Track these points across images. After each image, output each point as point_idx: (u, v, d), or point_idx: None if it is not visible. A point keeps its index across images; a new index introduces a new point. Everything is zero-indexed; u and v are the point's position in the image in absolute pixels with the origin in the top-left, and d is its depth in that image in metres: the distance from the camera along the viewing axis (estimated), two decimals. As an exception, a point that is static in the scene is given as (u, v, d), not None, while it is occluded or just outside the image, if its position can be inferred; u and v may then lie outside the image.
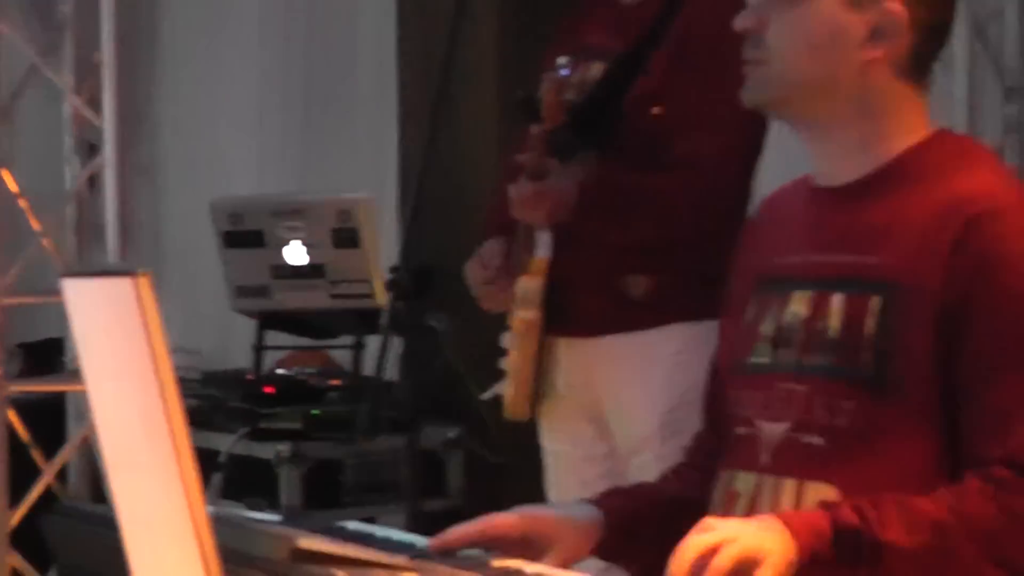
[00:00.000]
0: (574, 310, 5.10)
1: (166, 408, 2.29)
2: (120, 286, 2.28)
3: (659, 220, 4.94)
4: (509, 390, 5.19)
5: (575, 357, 5.18)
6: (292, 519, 3.40)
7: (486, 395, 5.33)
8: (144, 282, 2.24)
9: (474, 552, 2.97)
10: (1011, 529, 2.85)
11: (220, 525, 2.50)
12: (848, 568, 2.80)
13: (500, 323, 5.21)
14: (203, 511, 2.37)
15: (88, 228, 8.35)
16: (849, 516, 2.80)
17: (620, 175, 4.99)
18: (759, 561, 2.69)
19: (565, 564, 2.98)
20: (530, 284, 5.05)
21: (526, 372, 5.16)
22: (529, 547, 3.02)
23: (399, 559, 2.81)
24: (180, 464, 2.32)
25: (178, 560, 2.33)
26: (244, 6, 9.91)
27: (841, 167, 3.18)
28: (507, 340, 5.15)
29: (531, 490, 5.37)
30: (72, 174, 8.42)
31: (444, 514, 6.32)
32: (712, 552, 2.67)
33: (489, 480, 6.99)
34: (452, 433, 7.11)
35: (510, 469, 6.55)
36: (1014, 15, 6.91)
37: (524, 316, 5.09)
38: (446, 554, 2.93)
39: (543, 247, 5.03)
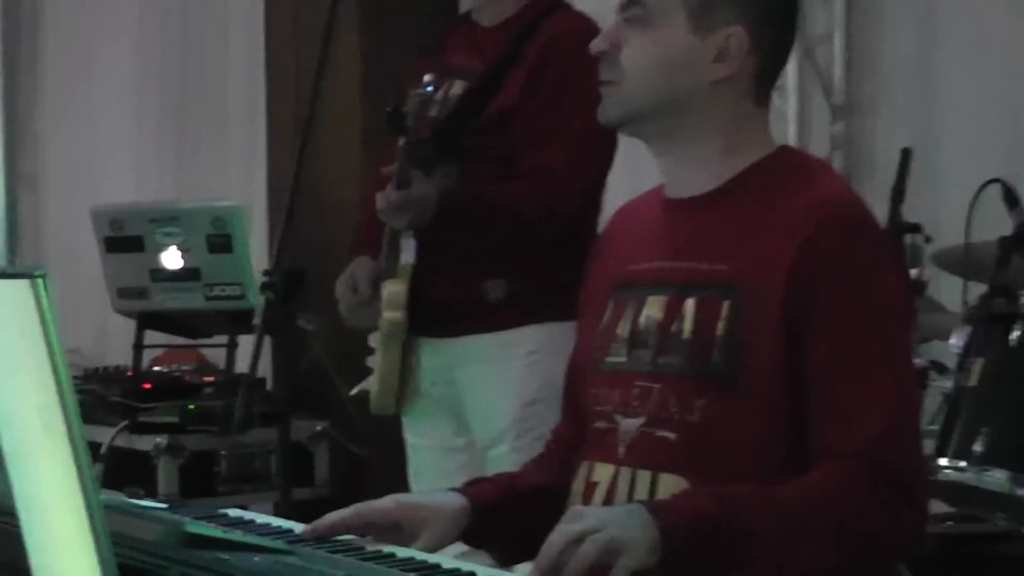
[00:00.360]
0: (436, 312, 5.09)
1: (63, 402, 2.28)
2: (18, 287, 2.27)
3: (512, 227, 4.95)
4: (375, 387, 5.17)
5: (437, 356, 5.18)
6: (177, 507, 3.38)
7: (355, 391, 5.30)
8: (42, 283, 2.23)
9: (349, 537, 2.96)
10: (856, 516, 2.86)
11: (111, 512, 2.50)
12: (708, 553, 2.79)
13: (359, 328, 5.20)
14: (98, 499, 2.37)
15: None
16: (706, 504, 2.81)
17: (477, 185, 5.01)
18: (621, 550, 2.67)
19: (434, 549, 2.97)
20: (396, 287, 5.04)
21: (391, 370, 5.15)
22: (400, 533, 3.01)
23: (279, 543, 2.80)
24: (76, 456, 2.31)
25: (73, 545, 2.32)
26: (122, 26, 9.89)
27: (691, 180, 3.18)
28: (374, 339, 5.14)
29: (393, 480, 5.37)
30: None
31: (312, 502, 6.33)
32: (579, 540, 2.67)
33: (354, 471, 7.00)
34: (319, 426, 7.11)
35: (373, 460, 6.56)
36: (840, 40, 7.00)
37: (390, 317, 5.07)
38: (322, 539, 2.91)
39: (408, 253, 5.03)
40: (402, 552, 2.87)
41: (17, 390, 2.33)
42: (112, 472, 7.01)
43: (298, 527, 2.99)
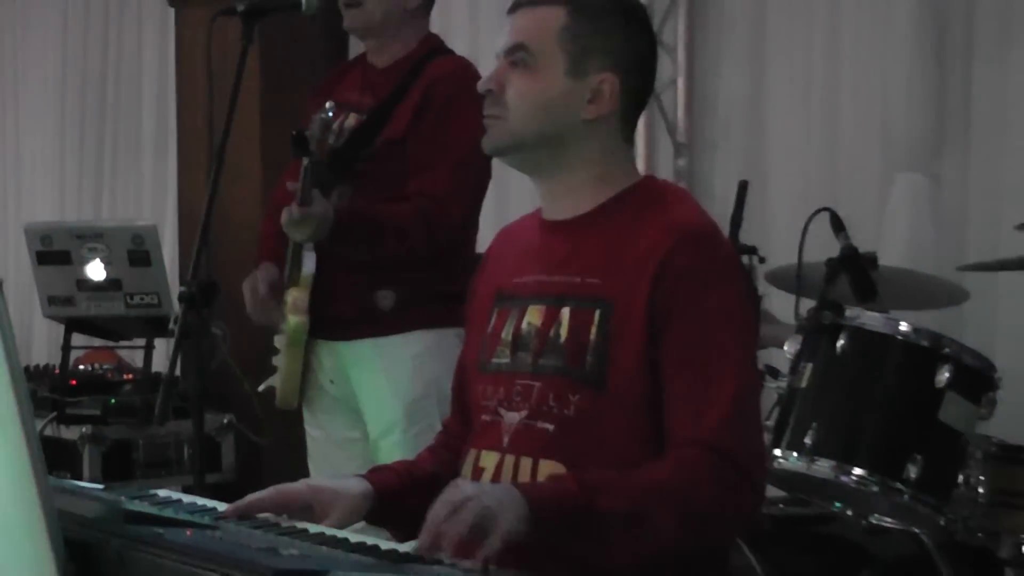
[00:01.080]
0: (334, 318, 5.10)
1: (17, 396, 2.28)
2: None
3: (397, 243, 4.96)
4: (280, 384, 5.18)
5: (334, 357, 5.18)
6: (111, 489, 3.36)
7: (262, 387, 5.30)
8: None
9: (266, 515, 2.96)
10: (699, 496, 2.87)
11: (57, 493, 2.49)
12: (570, 527, 2.80)
13: (272, 328, 5.19)
14: (47, 482, 2.35)
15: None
16: (571, 485, 2.82)
17: (368, 205, 5.02)
18: (496, 518, 2.68)
19: (341, 526, 2.97)
20: (298, 295, 5.05)
21: (294, 369, 5.15)
22: (311, 512, 3.01)
23: (206, 520, 2.80)
24: (28, 444, 2.31)
25: (25, 522, 2.31)
26: (46, 63, 9.83)
27: (567, 204, 3.19)
28: (279, 341, 5.15)
29: (290, 467, 5.38)
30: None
31: (219, 486, 6.31)
32: (460, 507, 2.68)
33: (255, 458, 6.98)
34: (226, 419, 7.09)
35: (272, 449, 6.54)
36: (683, 85, 7.02)
37: (294, 321, 5.08)
38: (243, 517, 2.91)
39: (309, 264, 5.03)
40: (313, 528, 2.88)
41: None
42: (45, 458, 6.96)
43: (221, 506, 2.99)
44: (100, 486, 3.35)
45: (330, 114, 4.97)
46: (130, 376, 7.37)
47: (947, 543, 4.55)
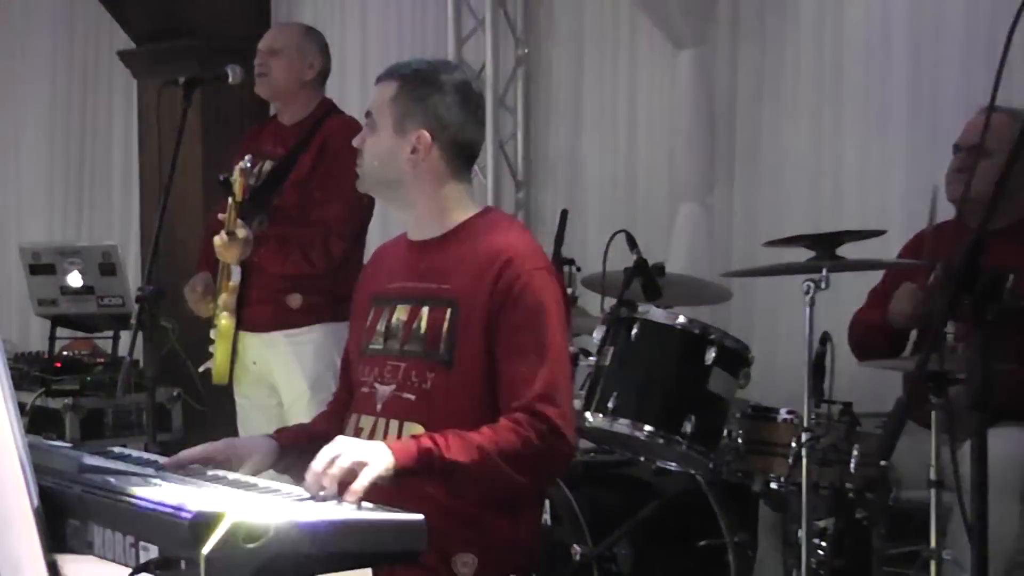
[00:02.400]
0: (254, 316, 5.12)
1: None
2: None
3: (302, 259, 4.98)
4: (216, 365, 5.18)
5: (255, 345, 5.19)
6: (77, 446, 3.32)
7: (202, 368, 5.30)
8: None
9: (196, 466, 2.94)
10: (524, 448, 2.89)
11: (33, 449, 2.46)
12: (424, 473, 2.81)
13: (209, 324, 5.18)
14: (25, 442, 2.33)
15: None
16: (427, 442, 2.82)
17: (280, 231, 5.02)
18: (366, 463, 2.68)
19: (254, 474, 2.96)
20: (228, 299, 5.07)
21: (226, 354, 5.15)
22: (231, 464, 3.00)
23: (150, 470, 2.77)
24: (9, 411, 2.29)
25: (9, 474, 2.29)
26: (40, 121, 9.69)
27: (423, 229, 3.21)
28: (214, 334, 5.14)
29: (225, 428, 5.35)
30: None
31: (170, 444, 6.25)
32: (337, 457, 2.67)
33: (198, 421, 6.92)
34: (175, 392, 7.04)
35: (212, 415, 6.49)
36: (521, 137, 7.02)
37: (224, 319, 5.09)
38: (179, 467, 2.89)
39: (235, 276, 5.04)
40: (231, 475, 2.86)
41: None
42: (33, 423, 6.95)
43: (162, 459, 2.96)
44: (69, 444, 3.30)
45: (248, 164, 4.98)
46: (101, 360, 7.28)
47: (715, 481, 4.56)
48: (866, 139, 5.68)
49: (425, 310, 3.11)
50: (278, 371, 5.18)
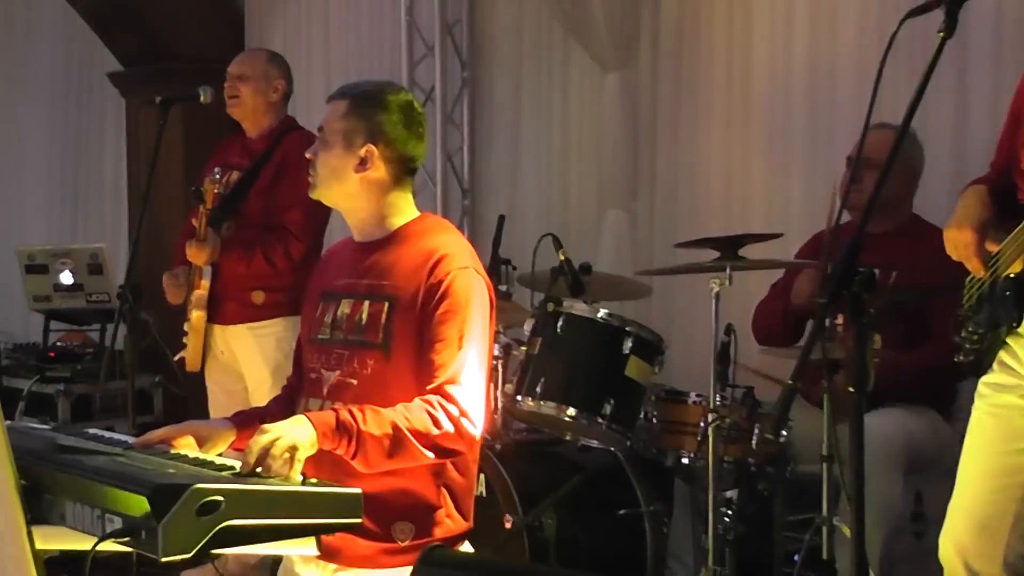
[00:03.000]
0: (222, 311, 5.12)
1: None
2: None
3: (265, 260, 4.99)
4: (189, 354, 5.18)
5: (223, 337, 5.18)
6: (58, 428, 3.30)
7: (176, 357, 5.28)
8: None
9: (161, 446, 2.92)
10: (433, 425, 2.87)
11: (12, 432, 2.45)
12: (346, 447, 2.81)
13: (183, 317, 5.19)
14: (4, 426, 2.33)
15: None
16: (345, 415, 2.82)
17: (245, 234, 5.02)
18: (297, 446, 2.70)
19: (215, 453, 2.97)
20: (200, 295, 5.06)
21: (198, 344, 5.15)
22: (193, 443, 2.99)
23: (118, 449, 2.76)
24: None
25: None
26: (40, 137, 9.67)
27: (367, 232, 3.20)
28: (187, 326, 5.14)
29: (199, 411, 5.37)
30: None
31: (151, 425, 6.19)
32: (271, 445, 2.68)
33: (176, 405, 6.92)
34: (156, 379, 7.06)
35: (188, 399, 6.48)
36: (467, 151, 7.03)
37: (196, 313, 5.10)
38: (145, 447, 2.87)
39: (206, 275, 5.05)
40: (192, 454, 2.85)
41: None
42: (29, 406, 6.99)
43: (132, 439, 2.94)
44: (48, 426, 3.28)
45: (217, 175, 4.99)
46: (90, 350, 7.33)
47: (633, 457, 4.56)
48: (770, 152, 5.71)
49: (366, 304, 3.09)
50: (243, 360, 5.16)
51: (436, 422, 2.89)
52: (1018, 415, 3.24)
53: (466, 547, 3.07)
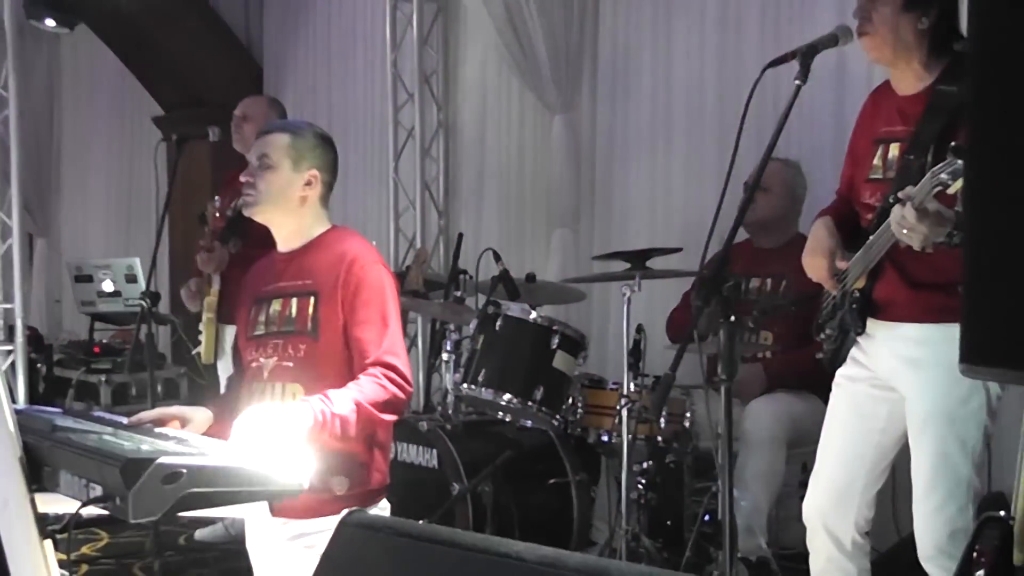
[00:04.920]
0: (232, 311, 5.01)
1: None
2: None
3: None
4: (203, 349, 5.14)
5: (231, 334, 5.03)
6: (69, 411, 3.26)
7: (194, 351, 5.25)
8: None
9: (149, 425, 2.89)
10: (385, 394, 2.87)
11: (21, 415, 2.45)
12: (322, 424, 2.78)
13: (199, 319, 5.15)
14: (12, 410, 2.32)
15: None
16: (320, 403, 2.79)
17: (249, 252, 4.98)
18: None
19: (195, 432, 2.94)
20: (211, 301, 5.03)
21: (210, 341, 5.11)
22: (178, 424, 2.96)
23: (109, 429, 2.72)
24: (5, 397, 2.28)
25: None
26: (100, 169, 9.69)
27: (290, 242, 3.16)
28: (202, 326, 5.11)
29: (214, 396, 5.32)
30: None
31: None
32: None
33: (198, 391, 6.91)
34: (182, 370, 7.05)
35: (209, 387, 6.46)
36: (443, 179, 7.02)
37: (208, 316, 5.06)
38: (136, 426, 2.84)
39: (216, 283, 5.01)
40: (172, 432, 2.81)
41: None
42: (77, 393, 6.98)
43: (125, 419, 2.91)
44: (58, 409, 3.25)
45: (216, 202, 4.98)
46: (128, 346, 7.31)
47: (562, 435, 4.55)
48: (686, 180, 5.70)
49: (294, 300, 3.06)
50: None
51: (385, 388, 2.89)
52: (866, 400, 3.25)
53: (384, 504, 3.05)
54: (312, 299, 3.04)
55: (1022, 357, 1.77)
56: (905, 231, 2.73)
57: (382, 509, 3.03)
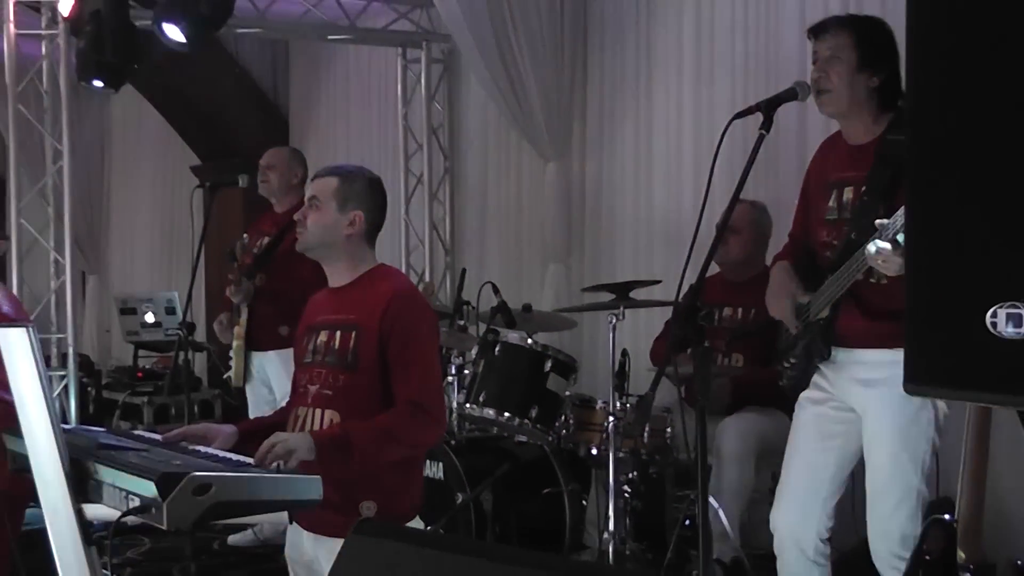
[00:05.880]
0: (257, 340, 5.09)
1: (46, 398, 2.25)
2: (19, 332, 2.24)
3: (289, 304, 4.89)
4: (233, 374, 5.15)
5: (258, 360, 5.16)
6: (111, 430, 3.24)
7: (226, 376, 5.27)
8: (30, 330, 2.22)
9: (183, 443, 2.87)
10: (406, 429, 2.86)
11: (68, 434, 2.44)
12: (340, 455, 2.78)
13: (230, 347, 5.16)
14: (60, 429, 2.31)
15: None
16: (338, 430, 2.80)
17: (274, 285, 4.99)
18: (294, 450, 2.68)
19: (222, 449, 2.93)
20: (240, 329, 5.04)
21: (240, 366, 5.12)
22: (206, 442, 2.93)
23: (145, 446, 2.71)
24: (51, 417, 2.28)
25: (51, 448, 2.31)
26: (144, 200, 9.73)
27: (341, 278, 3.13)
28: (232, 352, 5.11)
29: (243, 416, 5.32)
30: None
31: (213, 426, 6.24)
32: (276, 444, 2.67)
33: (231, 411, 6.90)
34: (216, 392, 7.05)
35: (239, 408, 6.45)
36: (449, 221, 7.03)
37: (238, 343, 5.06)
38: (168, 444, 2.80)
39: (244, 313, 5.03)
40: (203, 449, 2.81)
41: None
42: (123, 413, 6.99)
43: (160, 437, 2.87)
44: (102, 429, 3.24)
45: (245, 241, 5.00)
46: (168, 371, 7.28)
47: (555, 450, 4.53)
48: (667, 223, 5.71)
49: (338, 333, 3.04)
50: (273, 377, 5.10)
51: (414, 424, 2.88)
52: (827, 421, 3.26)
53: (416, 521, 3.02)
54: (353, 333, 3.00)
55: (958, 377, 1.80)
56: (881, 261, 2.73)
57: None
